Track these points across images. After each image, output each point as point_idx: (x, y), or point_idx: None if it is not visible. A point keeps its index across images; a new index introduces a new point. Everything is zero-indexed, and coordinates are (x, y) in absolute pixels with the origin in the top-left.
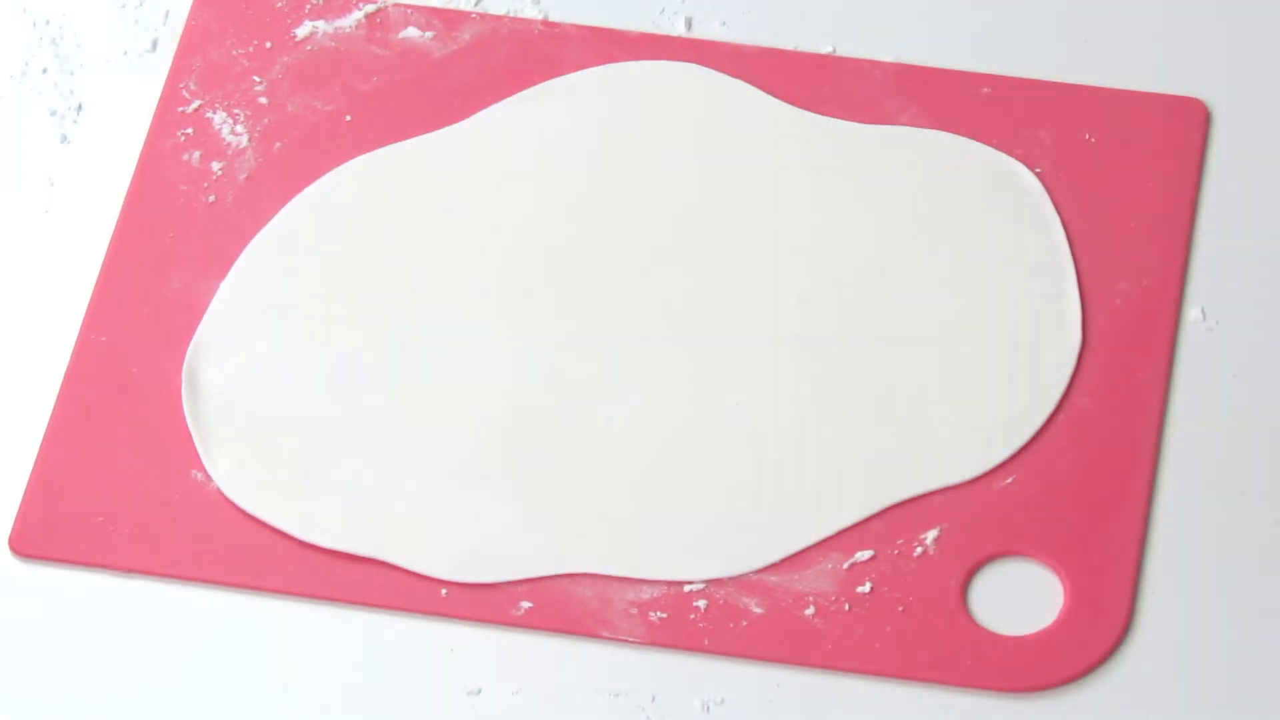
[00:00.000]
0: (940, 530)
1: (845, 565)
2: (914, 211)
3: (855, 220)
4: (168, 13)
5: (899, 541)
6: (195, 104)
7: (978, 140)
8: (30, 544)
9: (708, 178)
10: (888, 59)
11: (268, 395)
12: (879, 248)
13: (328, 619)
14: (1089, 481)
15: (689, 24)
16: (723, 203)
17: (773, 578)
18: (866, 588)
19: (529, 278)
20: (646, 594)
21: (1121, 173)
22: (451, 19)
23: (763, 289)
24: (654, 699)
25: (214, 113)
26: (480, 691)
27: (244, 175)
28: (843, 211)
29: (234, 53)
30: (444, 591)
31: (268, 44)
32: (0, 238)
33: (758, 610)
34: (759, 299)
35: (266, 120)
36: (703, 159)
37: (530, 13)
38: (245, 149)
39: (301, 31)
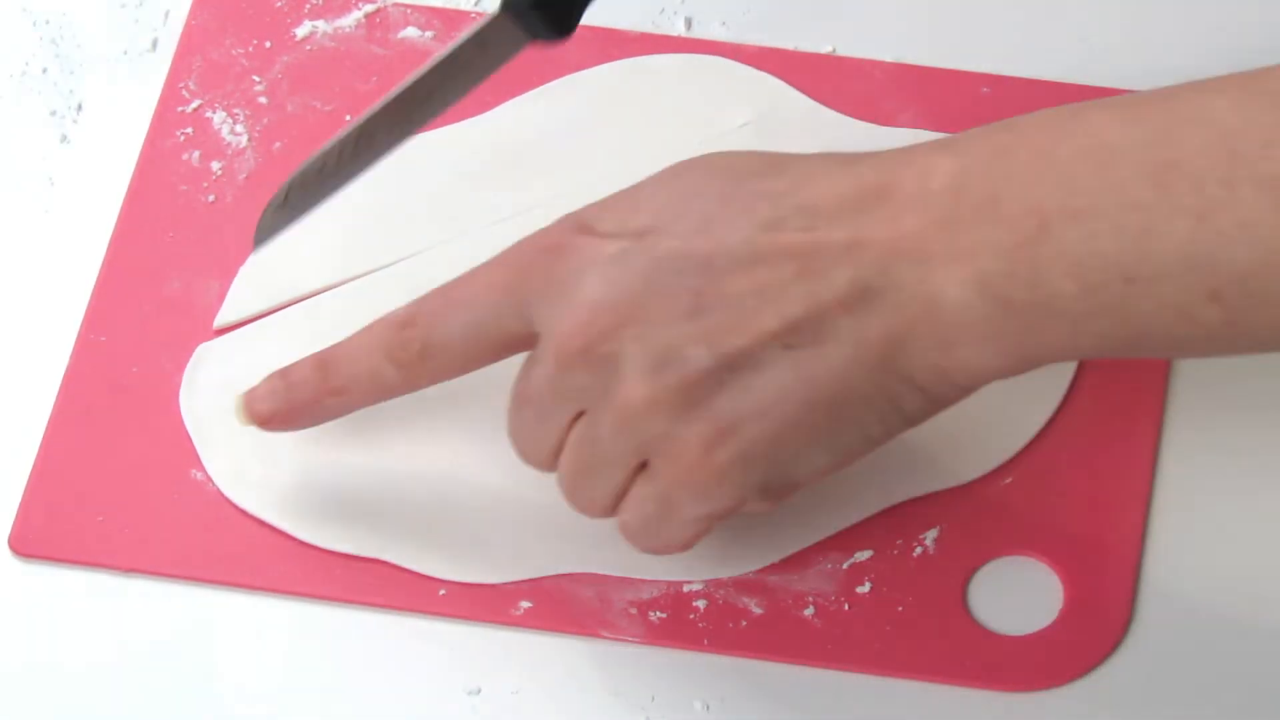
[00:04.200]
0: (940, 530)
1: (845, 565)
2: None
3: None
4: (167, 12)
5: (898, 541)
6: (195, 104)
7: None
8: (30, 544)
9: None
10: (888, 59)
11: None
12: None
13: (327, 619)
14: (1088, 481)
15: (689, 24)
16: None
17: (772, 578)
18: (866, 588)
19: None
20: (646, 594)
21: None
22: (451, 19)
23: None
24: (654, 698)
25: (214, 112)
26: (480, 691)
27: (244, 175)
28: None
29: (233, 52)
30: (442, 591)
31: (267, 44)
32: (0, 237)
33: (757, 610)
34: None
35: (266, 120)
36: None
37: None
38: (245, 149)
39: (301, 31)
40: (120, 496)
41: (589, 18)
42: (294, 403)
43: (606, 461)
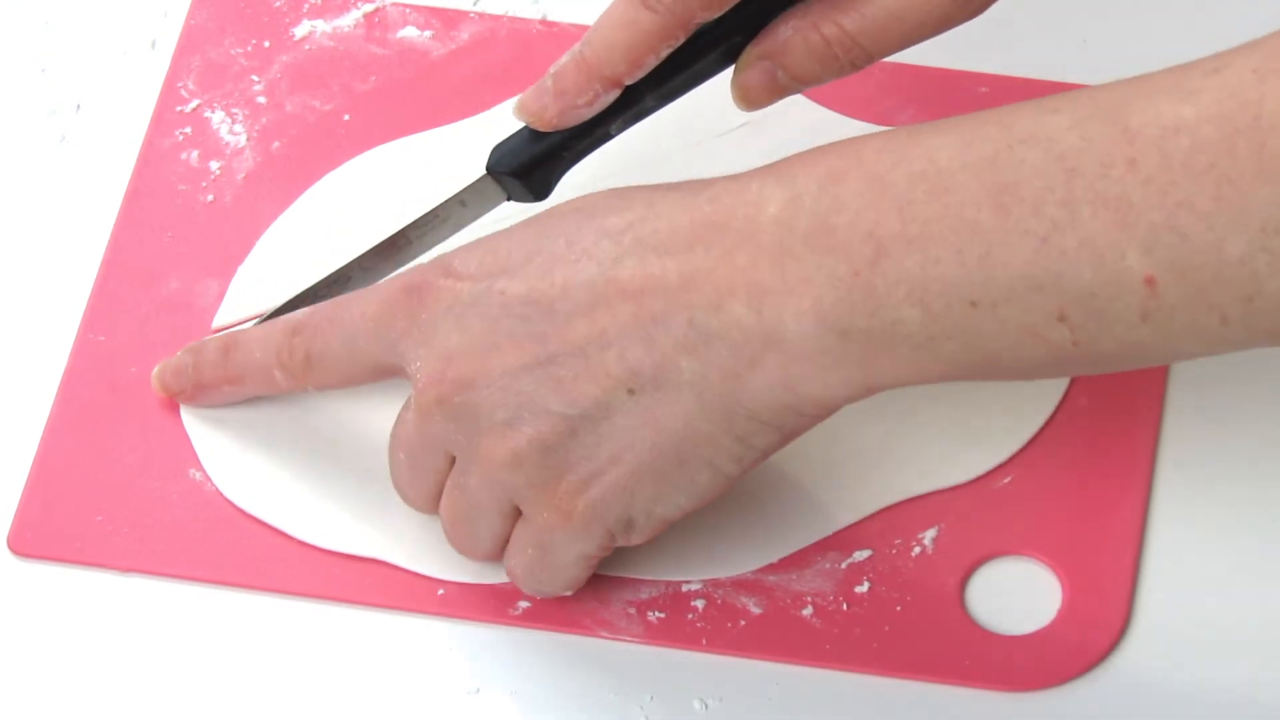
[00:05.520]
0: (938, 530)
1: (843, 565)
2: None
3: None
4: (166, 12)
5: (897, 541)
6: (193, 103)
7: None
8: (29, 543)
9: (713, 170)
10: (887, 59)
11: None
12: None
13: (326, 619)
14: (1087, 480)
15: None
16: None
17: (770, 577)
18: (865, 587)
19: None
20: (644, 593)
21: None
22: (450, 18)
23: None
24: (652, 698)
25: (212, 112)
26: (479, 691)
27: (242, 175)
28: None
29: (232, 52)
30: (441, 591)
31: (266, 43)
32: None
33: (756, 610)
34: None
35: (265, 120)
36: (710, 151)
37: (529, 12)
38: (243, 148)
39: (300, 31)
40: (119, 496)
41: (589, 17)
42: (199, 383)
43: (479, 510)
